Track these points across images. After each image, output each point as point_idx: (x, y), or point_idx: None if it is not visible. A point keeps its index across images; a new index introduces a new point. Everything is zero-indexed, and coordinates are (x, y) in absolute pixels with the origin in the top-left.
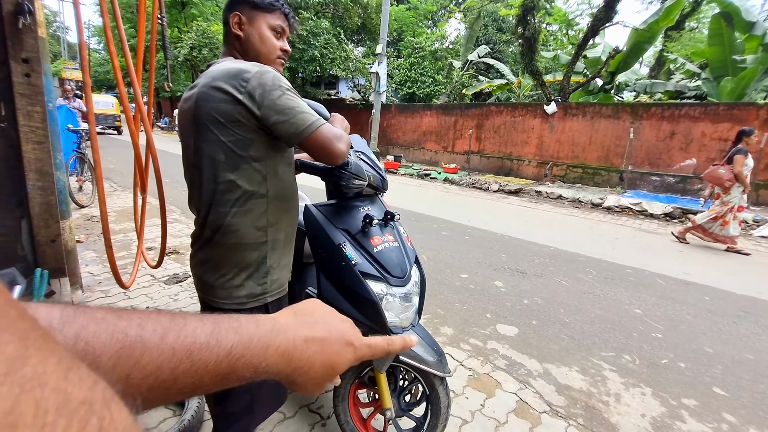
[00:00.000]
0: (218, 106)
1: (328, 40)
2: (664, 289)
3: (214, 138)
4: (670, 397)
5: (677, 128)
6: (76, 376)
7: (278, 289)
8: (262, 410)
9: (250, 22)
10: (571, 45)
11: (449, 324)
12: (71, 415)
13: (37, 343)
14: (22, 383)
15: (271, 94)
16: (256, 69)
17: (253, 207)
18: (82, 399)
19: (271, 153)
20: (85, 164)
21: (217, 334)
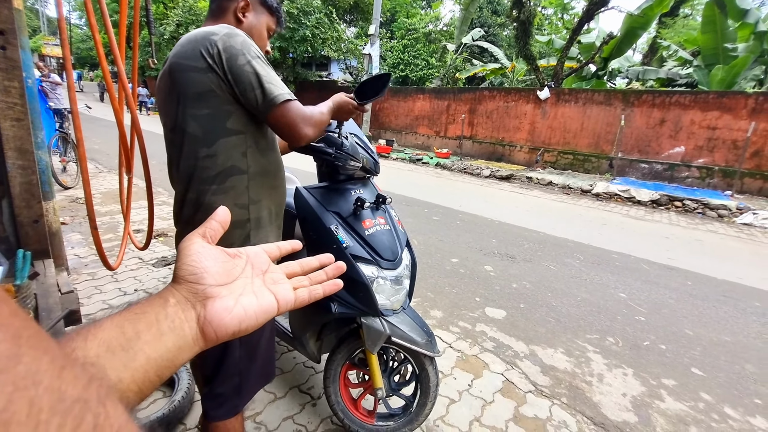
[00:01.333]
0: (189, 76)
1: (320, 20)
2: (649, 274)
3: (189, 112)
4: (651, 378)
5: (667, 116)
6: (70, 374)
7: None
8: (250, 390)
9: (255, 15)
10: (566, 29)
11: (439, 307)
12: (66, 413)
13: (31, 341)
14: (15, 381)
15: (237, 59)
16: (224, 31)
17: (234, 184)
18: (76, 397)
19: (250, 127)
20: (68, 144)
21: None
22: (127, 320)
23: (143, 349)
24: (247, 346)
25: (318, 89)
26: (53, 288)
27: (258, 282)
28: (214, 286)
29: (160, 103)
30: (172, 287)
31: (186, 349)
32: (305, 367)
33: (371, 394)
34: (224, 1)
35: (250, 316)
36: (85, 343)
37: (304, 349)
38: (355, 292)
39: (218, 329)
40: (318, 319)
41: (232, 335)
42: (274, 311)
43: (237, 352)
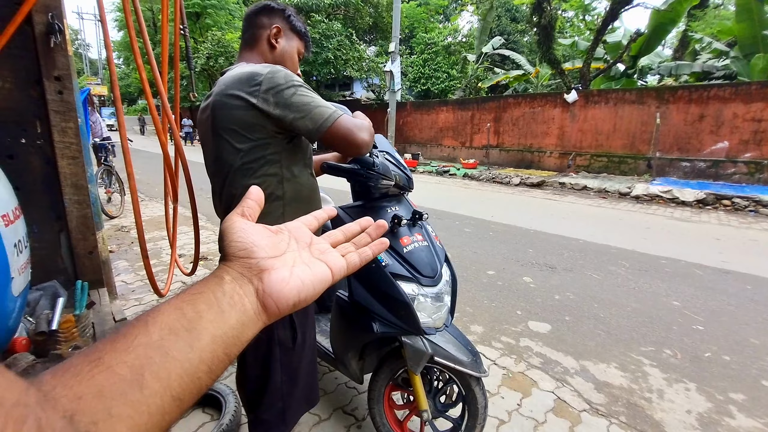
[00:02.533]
0: (233, 114)
1: (341, 42)
2: (703, 279)
3: (229, 146)
4: (716, 392)
5: (707, 111)
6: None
7: None
8: (293, 415)
9: (287, 40)
10: (588, 30)
11: (479, 322)
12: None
13: None
14: None
15: (284, 93)
16: (267, 70)
17: (270, 210)
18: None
19: (285, 155)
20: (112, 176)
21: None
22: (186, 302)
23: (207, 328)
24: (288, 369)
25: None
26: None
27: (306, 254)
28: (267, 258)
29: (202, 136)
30: (224, 265)
31: (250, 325)
32: (348, 387)
33: (417, 416)
34: (257, 29)
35: (307, 285)
36: (147, 328)
37: (347, 370)
38: (396, 310)
39: (278, 301)
40: (359, 338)
41: (293, 306)
42: (329, 279)
43: (278, 376)
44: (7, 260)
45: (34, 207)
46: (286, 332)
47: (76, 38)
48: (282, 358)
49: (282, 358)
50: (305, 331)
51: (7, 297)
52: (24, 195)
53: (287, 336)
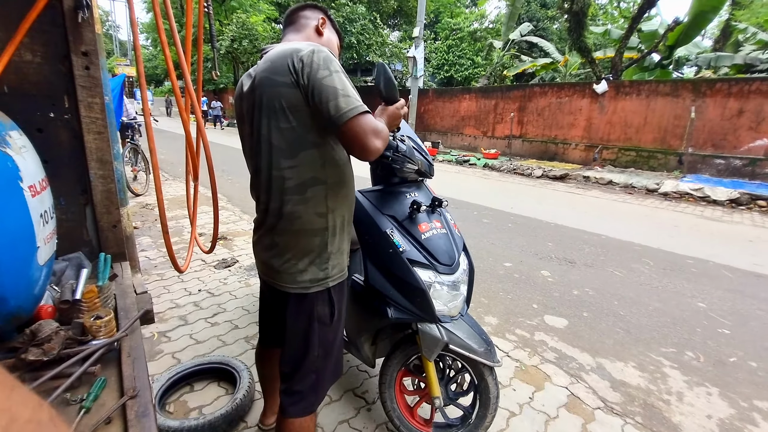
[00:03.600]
0: (278, 90)
1: (365, 26)
2: (732, 282)
3: (275, 124)
4: (740, 399)
5: (746, 105)
6: (20, 396)
7: (339, 273)
8: (324, 387)
9: (330, 32)
10: (623, 18)
11: (493, 313)
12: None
13: None
14: None
15: (318, 73)
16: (310, 48)
17: (315, 194)
18: (28, 418)
19: (329, 139)
20: (138, 155)
21: None
22: None
23: None
24: (324, 344)
25: (364, 95)
26: (130, 289)
27: None
28: None
29: (244, 115)
30: None
31: None
32: (359, 370)
33: (427, 403)
34: (305, 17)
35: None
36: None
37: (359, 353)
38: (411, 297)
39: None
40: (373, 323)
41: None
42: None
43: (316, 351)
44: (33, 230)
45: (61, 180)
46: (325, 309)
47: (107, 19)
48: (320, 333)
49: (320, 334)
50: (341, 306)
51: (33, 266)
52: (52, 168)
53: (326, 312)
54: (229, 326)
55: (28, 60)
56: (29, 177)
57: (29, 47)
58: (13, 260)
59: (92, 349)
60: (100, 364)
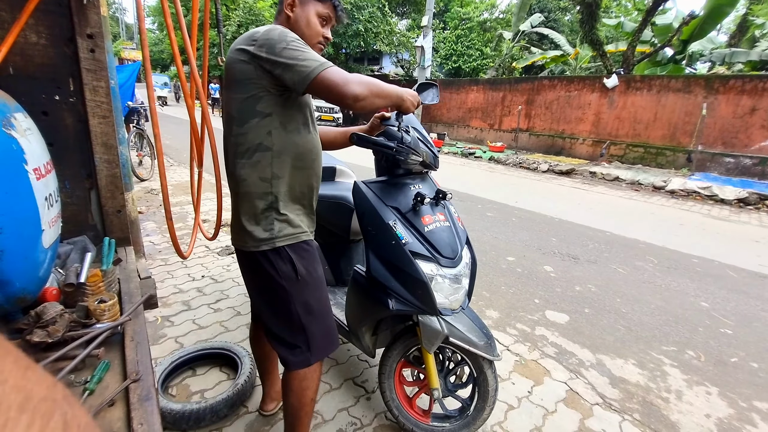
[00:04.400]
0: (236, 67)
1: (373, 14)
2: (736, 282)
3: (232, 96)
4: (740, 399)
5: (760, 103)
6: (35, 375)
7: (288, 235)
8: (318, 346)
9: (302, 6)
10: (637, 11)
11: (495, 307)
12: (34, 411)
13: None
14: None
15: (275, 47)
16: (264, 29)
17: (260, 159)
18: (43, 396)
19: (278, 109)
20: (144, 140)
21: None
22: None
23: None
24: (299, 301)
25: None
26: (134, 273)
27: None
28: None
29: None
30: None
31: None
32: (359, 360)
33: (426, 394)
34: (280, 3)
35: None
36: None
37: (359, 343)
38: (413, 289)
39: None
40: (374, 314)
41: None
42: None
43: (293, 307)
44: (38, 213)
45: (66, 164)
46: (287, 265)
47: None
48: (291, 290)
49: (291, 291)
50: (306, 265)
51: (38, 248)
52: (57, 151)
53: (288, 269)
54: (232, 312)
55: (33, 42)
56: (34, 160)
57: (34, 29)
58: (18, 243)
59: (96, 332)
60: (103, 347)
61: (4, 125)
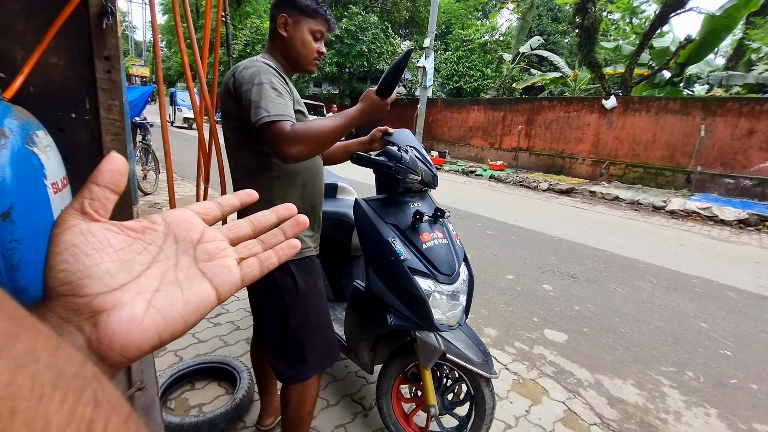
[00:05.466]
0: (224, 99)
1: (376, 35)
2: (736, 303)
3: (227, 125)
4: (739, 421)
5: (758, 125)
6: (65, 354)
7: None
8: (315, 359)
9: (295, 26)
10: (635, 34)
11: (493, 325)
12: (66, 388)
13: (25, 322)
14: (17, 358)
15: (242, 87)
16: (243, 65)
17: (261, 182)
18: (74, 373)
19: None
20: (149, 155)
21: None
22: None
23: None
24: (298, 314)
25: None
26: None
27: (185, 262)
28: (105, 293)
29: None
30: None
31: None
32: (357, 376)
33: (423, 411)
34: (272, 22)
35: (173, 320)
36: None
37: (358, 359)
38: (411, 305)
39: (126, 350)
40: (373, 329)
41: (150, 349)
42: (211, 303)
43: (292, 320)
44: None
45: (79, 178)
46: (287, 279)
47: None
48: (290, 303)
49: (290, 304)
50: (306, 279)
51: None
52: (71, 166)
53: (289, 283)
54: (231, 327)
55: (53, 63)
56: (52, 175)
57: (55, 51)
58: (35, 254)
59: None
60: None
61: (28, 142)
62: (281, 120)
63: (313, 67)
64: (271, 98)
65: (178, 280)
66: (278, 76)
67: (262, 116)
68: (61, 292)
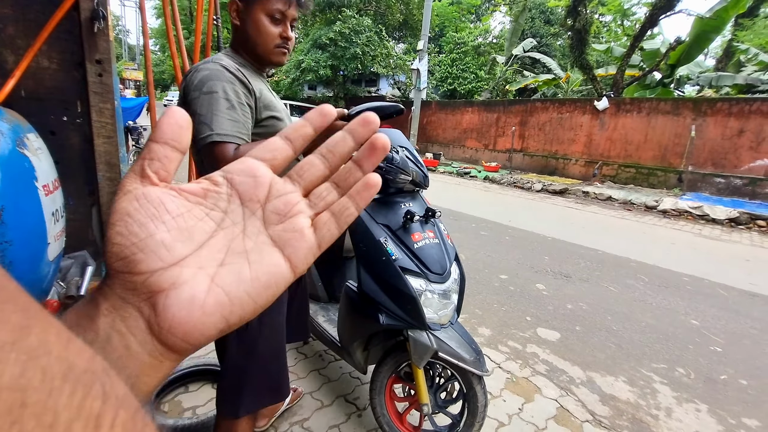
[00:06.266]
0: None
1: (370, 38)
2: (726, 301)
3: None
4: (729, 416)
5: (747, 125)
6: (76, 347)
7: None
8: (253, 396)
9: (246, 10)
10: (626, 36)
11: (487, 325)
12: (76, 381)
13: (38, 314)
14: (29, 351)
15: (190, 94)
16: (196, 66)
17: None
18: (84, 367)
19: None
20: None
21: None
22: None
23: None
24: (243, 345)
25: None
26: None
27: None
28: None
29: None
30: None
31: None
32: (351, 377)
33: (417, 410)
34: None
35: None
36: None
37: (351, 359)
38: (403, 304)
39: (189, 336)
40: (366, 329)
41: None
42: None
43: (233, 349)
44: (45, 227)
45: (71, 181)
46: None
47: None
48: (235, 334)
49: (234, 335)
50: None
51: (43, 261)
52: (63, 169)
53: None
54: None
55: (44, 66)
56: (43, 177)
57: (46, 54)
58: (25, 254)
59: None
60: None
61: (18, 145)
62: (225, 142)
63: (278, 56)
64: (218, 112)
65: (245, 250)
66: (234, 80)
67: (205, 134)
68: (117, 268)
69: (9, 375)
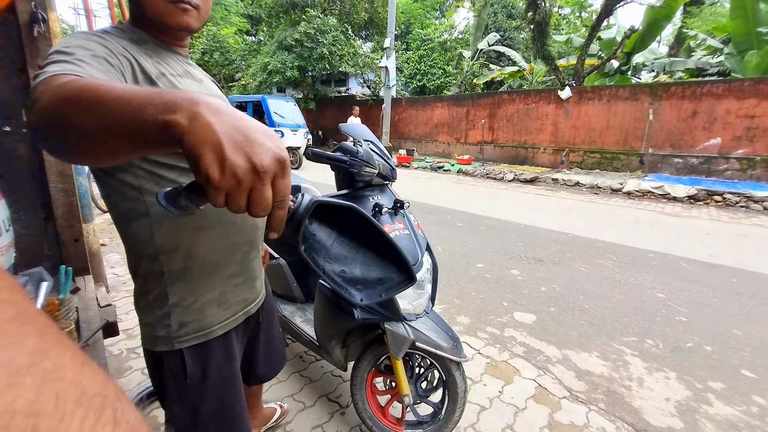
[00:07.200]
0: None
1: (336, 37)
2: (689, 273)
3: None
4: (696, 381)
5: (699, 107)
6: (90, 371)
7: (194, 334)
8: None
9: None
10: (584, 27)
11: (465, 313)
12: (88, 406)
13: (54, 338)
14: (44, 375)
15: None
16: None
17: (137, 230)
18: (96, 392)
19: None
20: None
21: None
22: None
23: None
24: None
25: (338, 105)
26: (93, 302)
27: None
28: None
29: None
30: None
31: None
32: (333, 376)
33: (399, 401)
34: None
35: None
36: None
37: (331, 357)
38: None
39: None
40: (342, 325)
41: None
42: None
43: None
44: None
45: (20, 194)
46: (176, 361)
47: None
48: (176, 388)
49: (176, 389)
50: (205, 366)
51: None
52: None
53: (177, 366)
54: None
55: None
56: None
57: None
58: None
59: None
60: None
61: None
62: (57, 73)
63: (175, 16)
64: (62, 59)
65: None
66: (93, 38)
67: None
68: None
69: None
